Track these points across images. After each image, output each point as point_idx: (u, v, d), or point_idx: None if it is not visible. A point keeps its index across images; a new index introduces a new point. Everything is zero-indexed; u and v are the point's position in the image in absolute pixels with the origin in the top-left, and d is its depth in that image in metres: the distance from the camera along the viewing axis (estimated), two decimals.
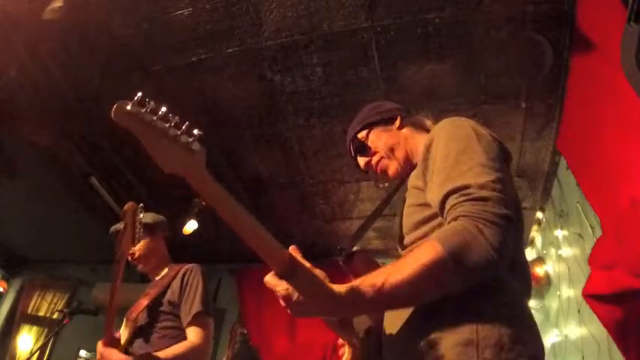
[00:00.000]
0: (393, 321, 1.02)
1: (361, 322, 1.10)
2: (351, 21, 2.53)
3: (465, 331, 0.87)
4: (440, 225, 1.01)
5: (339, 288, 0.84)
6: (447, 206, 0.92)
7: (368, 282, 0.84)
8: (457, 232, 0.85)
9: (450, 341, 0.87)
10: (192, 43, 2.74)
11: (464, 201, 0.89)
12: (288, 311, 0.84)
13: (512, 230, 0.86)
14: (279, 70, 2.87)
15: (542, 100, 2.86)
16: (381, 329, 1.08)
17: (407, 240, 1.10)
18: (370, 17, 2.50)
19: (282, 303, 0.83)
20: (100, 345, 1.78)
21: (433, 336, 0.90)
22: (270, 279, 0.84)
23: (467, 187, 0.90)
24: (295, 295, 0.82)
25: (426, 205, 1.05)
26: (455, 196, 0.91)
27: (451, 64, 2.71)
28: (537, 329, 0.96)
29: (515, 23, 2.43)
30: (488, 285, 0.88)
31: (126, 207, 1.85)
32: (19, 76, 2.88)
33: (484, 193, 0.88)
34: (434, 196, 0.98)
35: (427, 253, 0.84)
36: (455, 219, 0.88)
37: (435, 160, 1.03)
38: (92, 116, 3.22)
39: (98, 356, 1.76)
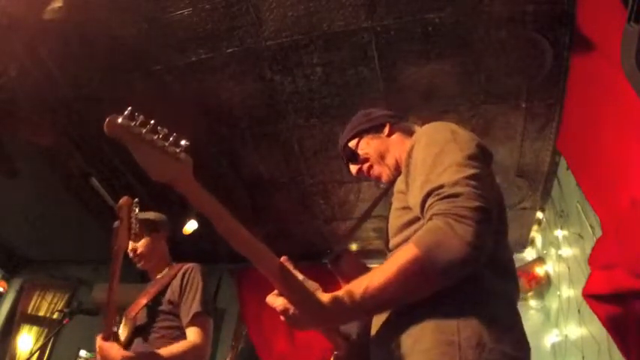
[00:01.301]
0: (379, 320, 1.04)
1: (352, 323, 1.11)
2: (351, 21, 2.53)
3: (446, 331, 0.88)
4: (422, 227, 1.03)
5: (325, 298, 0.88)
6: (425, 208, 0.95)
7: (350, 290, 0.88)
8: (430, 232, 0.88)
9: (432, 341, 0.88)
10: (192, 43, 2.74)
11: (437, 200, 0.91)
12: (288, 325, 0.89)
13: (487, 222, 0.87)
14: (279, 70, 2.87)
15: (542, 100, 2.86)
16: (370, 329, 1.09)
17: (392, 243, 1.12)
18: (370, 17, 2.50)
19: (282, 318, 0.89)
20: (98, 339, 1.76)
21: (415, 334, 0.91)
22: (269, 298, 0.91)
23: (441, 186, 0.92)
24: (291, 309, 0.87)
25: (409, 208, 1.07)
26: (431, 196, 0.93)
27: (451, 64, 2.71)
28: (522, 327, 0.96)
29: (515, 23, 2.42)
30: (468, 283, 0.89)
31: (121, 201, 1.82)
32: (19, 76, 2.88)
33: (457, 189, 0.90)
34: (415, 200, 1.00)
35: (403, 256, 0.87)
36: (430, 219, 0.90)
37: (415, 164, 1.05)
38: (92, 116, 3.22)
39: (97, 349, 1.74)
